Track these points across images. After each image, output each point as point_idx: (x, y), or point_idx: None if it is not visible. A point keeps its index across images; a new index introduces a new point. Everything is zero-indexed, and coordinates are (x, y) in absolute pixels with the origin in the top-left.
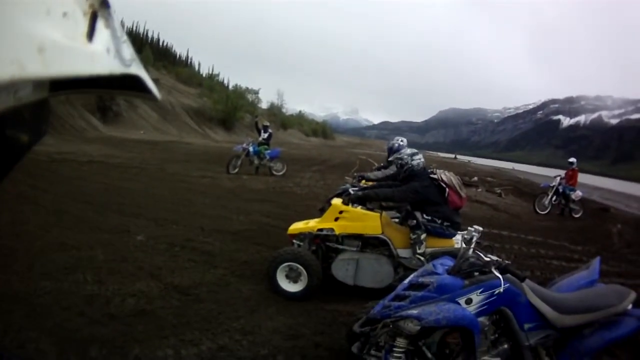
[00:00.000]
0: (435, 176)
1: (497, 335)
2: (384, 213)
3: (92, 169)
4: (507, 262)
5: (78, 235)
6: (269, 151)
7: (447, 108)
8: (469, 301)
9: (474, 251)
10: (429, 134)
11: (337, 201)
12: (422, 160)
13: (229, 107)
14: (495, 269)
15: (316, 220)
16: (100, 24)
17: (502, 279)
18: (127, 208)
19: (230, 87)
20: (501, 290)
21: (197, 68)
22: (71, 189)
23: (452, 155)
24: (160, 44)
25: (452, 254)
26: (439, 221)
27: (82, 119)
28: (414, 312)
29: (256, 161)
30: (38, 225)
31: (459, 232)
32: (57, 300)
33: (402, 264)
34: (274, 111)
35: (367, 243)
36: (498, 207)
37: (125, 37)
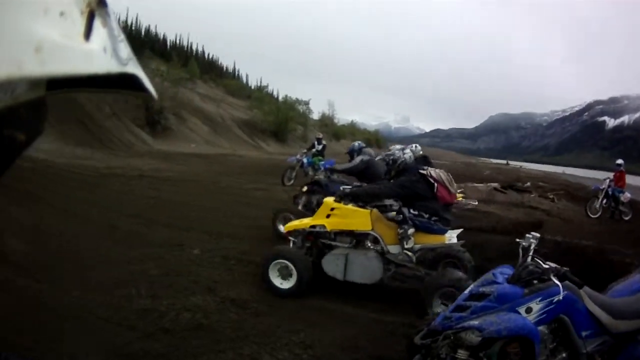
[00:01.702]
0: (424, 171)
1: (555, 344)
2: (374, 209)
3: (141, 183)
4: (565, 268)
5: (129, 250)
6: (323, 162)
7: (497, 113)
8: (529, 310)
9: (532, 259)
10: (480, 140)
11: (329, 199)
12: (412, 155)
13: (280, 118)
14: (553, 276)
15: (311, 217)
16: (97, 23)
17: (561, 286)
18: (179, 222)
19: (280, 98)
20: (560, 297)
21: (245, 80)
22: (120, 203)
23: (504, 162)
24: (206, 57)
25: (442, 249)
26: (427, 216)
27: (131, 134)
28: (475, 322)
29: (311, 172)
30: (86, 240)
31: (452, 230)
32: (107, 314)
33: (393, 261)
34: (326, 122)
35: (360, 239)
36: (551, 212)
37: (122, 36)
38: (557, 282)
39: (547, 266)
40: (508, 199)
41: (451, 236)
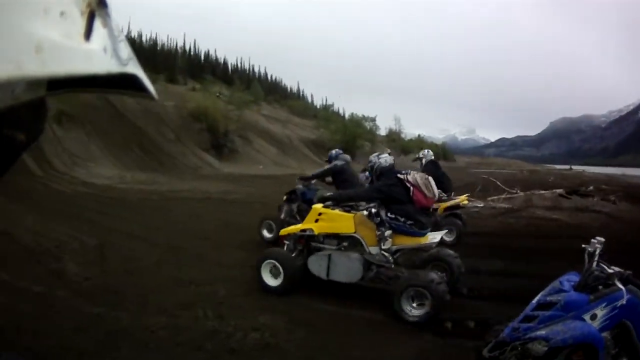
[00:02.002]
0: (402, 176)
1: (617, 350)
2: (358, 213)
3: (208, 205)
4: (628, 272)
5: (196, 272)
6: None
7: (558, 118)
8: (593, 317)
9: (597, 264)
10: (544, 147)
11: (317, 205)
12: (389, 160)
13: (347, 136)
14: (617, 280)
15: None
16: (97, 23)
17: (624, 290)
18: (249, 244)
19: (346, 116)
20: (624, 302)
21: (310, 100)
22: (187, 226)
23: (567, 167)
24: (269, 78)
25: (420, 250)
26: (402, 219)
27: (197, 157)
28: (542, 332)
29: None
30: (152, 262)
31: (436, 232)
32: (172, 335)
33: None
34: (393, 137)
35: (344, 241)
36: (614, 215)
37: (122, 37)
38: (620, 286)
39: (611, 271)
40: (573, 204)
41: (434, 237)
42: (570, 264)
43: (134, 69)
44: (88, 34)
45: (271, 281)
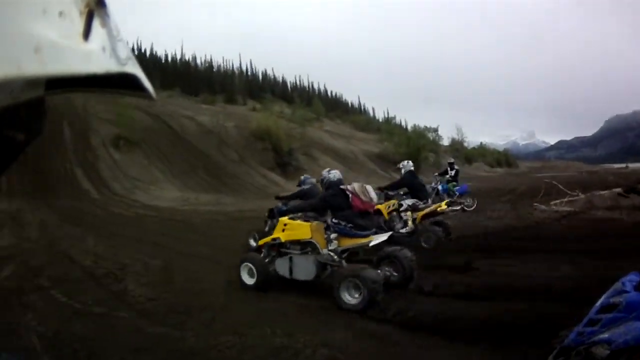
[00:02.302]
0: (343, 187)
1: None
2: (314, 222)
3: None
4: None
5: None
6: (457, 187)
7: (611, 116)
8: None
9: None
10: (600, 146)
11: (283, 218)
12: (337, 175)
13: (411, 148)
14: None
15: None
16: (96, 23)
17: None
18: None
19: (409, 127)
20: None
21: (372, 114)
22: None
23: (624, 165)
24: (329, 94)
25: (360, 249)
26: (344, 223)
27: (262, 176)
28: (605, 335)
29: (447, 199)
30: (218, 282)
31: (381, 234)
32: (239, 354)
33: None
34: (456, 146)
35: (304, 245)
36: None
37: (121, 36)
38: None
39: None
40: (632, 203)
41: (377, 239)
42: (633, 264)
43: (133, 68)
44: (87, 33)
45: (248, 280)
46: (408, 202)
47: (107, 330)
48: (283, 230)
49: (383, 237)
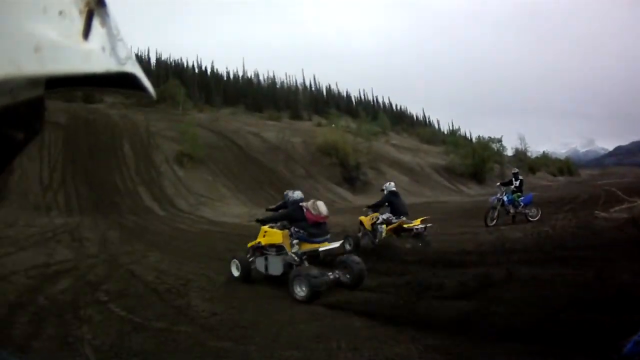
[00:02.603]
0: (302, 203)
1: None
2: (285, 230)
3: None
4: None
5: (333, 303)
6: (522, 198)
7: None
8: None
9: None
10: None
11: (264, 226)
12: (299, 194)
13: (476, 159)
14: None
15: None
16: (96, 23)
17: None
18: (385, 275)
19: (473, 139)
20: None
21: (437, 126)
22: None
23: None
24: (394, 108)
25: (313, 254)
26: (301, 232)
27: (330, 192)
28: None
29: (512, 210)
30: (285, 297)
31: (334, 241)
32: None
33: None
34: (520, 156)
35: (277, 248)
36: None
37: (121, 36)
38: None
39: None
40: None
41: (327, 247)
42: None
43: (133, 67)
44: (86, 33)
45: (235, 273)
46: (383, 216)
47: (167, 344)
48: (264, 236)
49: (334, 245)
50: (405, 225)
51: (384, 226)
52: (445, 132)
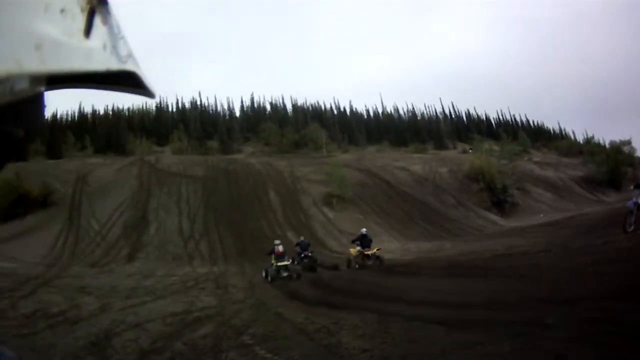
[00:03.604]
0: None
1: None
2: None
3: (497, 262)
4: None
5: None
6: None
7: None
8: None
9: None
10: None
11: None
12: (278, 243)
13: (610, 165)
14: None
15: None
16: (97, 21)
17: None
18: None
19: (607, 145)
20: None
21: (572, 136)
22: (475, 285)
23: None
24: (532, 124)
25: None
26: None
27: (479, 217)
28: None
29: None
30: (435, 329)
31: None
32: None
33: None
34: None
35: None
36: None
37: (122, 34)
38: None
39: None
40: None
41: (283, 262)
42: None
43: (133, 66)
44: (88, 31)
45: (264, 277)
46: (358, 248)
47: None
48: (275, 259)
49: (286, 262)
50: (366, 252)
51: (358, 253)
52: (581, 142)
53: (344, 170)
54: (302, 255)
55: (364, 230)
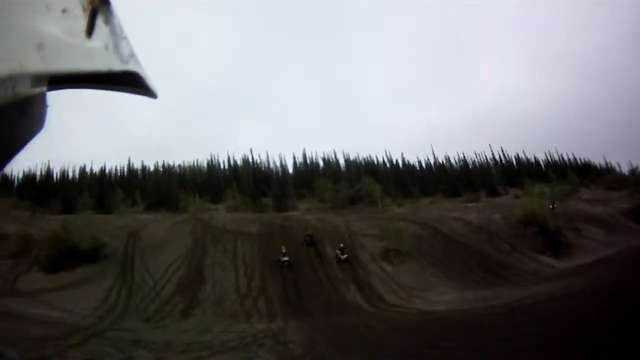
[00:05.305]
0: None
1: None
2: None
3: (549, 307)
4: None
5: None
6: None
7: None
8: None
9: None
10: None
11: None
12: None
13: None
14: None
15: None
16: (99, 21)
17: None
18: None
19: None
20: None
21: (618, 169)
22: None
23: None
24: (578, 161)
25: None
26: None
27: (534, 261)
28: None
29: None
30: None
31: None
32: None
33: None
34: None
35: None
36: None
37: (124, 34)
38: None
39: None
40: None
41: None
42: None
43: (135, 66)
44: (90, 31)
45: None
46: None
47: None
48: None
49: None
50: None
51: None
52: (627, 174)
53: (400, 223)
54: None
55: (340, 245)
